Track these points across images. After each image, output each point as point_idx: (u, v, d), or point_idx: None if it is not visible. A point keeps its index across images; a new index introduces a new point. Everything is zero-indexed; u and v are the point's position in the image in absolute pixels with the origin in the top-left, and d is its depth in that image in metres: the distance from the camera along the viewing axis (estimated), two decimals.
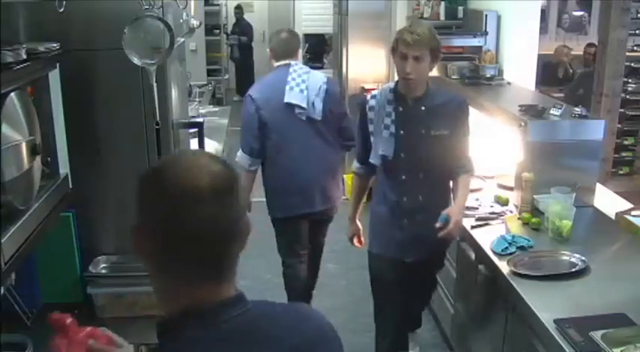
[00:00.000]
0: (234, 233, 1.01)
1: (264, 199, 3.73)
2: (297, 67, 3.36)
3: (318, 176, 3.39)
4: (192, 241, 0.98)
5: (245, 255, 1.04)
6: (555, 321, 2.06)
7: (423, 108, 2.66)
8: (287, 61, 3.37)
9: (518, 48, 4.35)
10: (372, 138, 2.72)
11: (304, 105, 3.26)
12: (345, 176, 5.40)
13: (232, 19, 11.09)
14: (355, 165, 2.94)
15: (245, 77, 10.86)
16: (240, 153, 3.42)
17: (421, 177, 2.71)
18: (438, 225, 2.60)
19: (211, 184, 0.98)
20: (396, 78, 2.78)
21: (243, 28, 11.00)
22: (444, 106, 2.68)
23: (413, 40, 2.52)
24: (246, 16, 11.91)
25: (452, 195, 2.80)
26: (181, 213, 0.97)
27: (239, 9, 11.07)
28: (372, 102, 2.73)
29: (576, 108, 3.22)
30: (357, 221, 3.12)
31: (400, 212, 2.76)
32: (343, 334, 1.16)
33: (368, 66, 6.31)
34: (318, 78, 3.37)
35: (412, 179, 2.71)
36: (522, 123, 3.07)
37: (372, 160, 2.74)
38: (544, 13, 7.41)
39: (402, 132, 2.66)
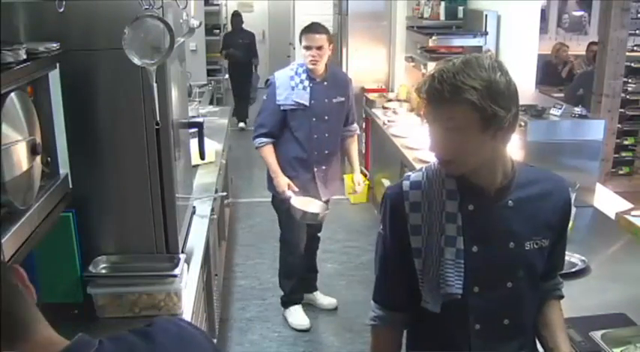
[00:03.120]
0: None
1: (264, 199, 3.75)
2: None
3: None
4: None
5: (245, 255, 1.04)
6: None
7: (510, 203, 1.52)
8: None
9: (518, 48, 4.35)
10: (418, 263, 1.53)
11: None
12: (344, 176, 5.42)
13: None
14: (375, 312, 1.69)
15: (245, 101, 9.02)
16: None
17: (506, 323, 1.57)
18: None
19: None
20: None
21: (246, 40, 8.98)
22: (543, 199, 1.56)
23: None
24: (246, 17, 11.71)
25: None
26: None
27: (238, 16, 9.14)
28: (415, 196, 1.54)
29: (576, 108, 3.23)
30: None
31: None
32: (343, 334, 1.16)
33: (368, 66, 6.32)
34: None
35: (492, 330, 1.56)
36: (522, 123, 3.07)
37: (425, 304, 1.54)
38: (544, 13, 7.42)
39: (475, 248, 1.51)
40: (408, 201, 1.53)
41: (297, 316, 3.85)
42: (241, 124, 9.15)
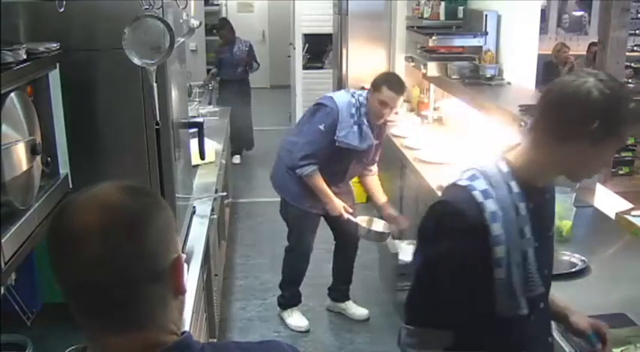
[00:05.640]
0: (142, 275, 0.88)
1: (264, 199, 3.75)
2: None
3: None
4: (76, 287, 0.89)
5: (245, 255, 1.04)
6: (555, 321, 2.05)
7: (547, 196, 1.65)
8: None
9: (518, 48, 4.34)
10: (498, 272, 1.48)
11: None
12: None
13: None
14: (414, 337, 1.56)
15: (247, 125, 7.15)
16: None
17: (542, 307, 1.65)
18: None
19: (101, 222, 0.87)
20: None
21: (243, 54, 7.03)
22: (555, 189, 1.75)
23: None
24: (247, 16, 11.63)
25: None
26: (60, 257, 0.90)
27: (223, 27, 7.18)
28: (491, 205, 1.49)
29: None
30: None
31: None
32: (343, 334, 1.16)
33: (368, 66, 6.32)
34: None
35: (536, 314, 1.60)
36: (522, 123, 3.07)
37: (509, 311, 1.52)
38: (544, 13, 7.41)
39: (536, 244, 1.54)
40: (486, 212, 1.48)
41: (296, 318, 3.85)
42: (236, 158, 7.07)
